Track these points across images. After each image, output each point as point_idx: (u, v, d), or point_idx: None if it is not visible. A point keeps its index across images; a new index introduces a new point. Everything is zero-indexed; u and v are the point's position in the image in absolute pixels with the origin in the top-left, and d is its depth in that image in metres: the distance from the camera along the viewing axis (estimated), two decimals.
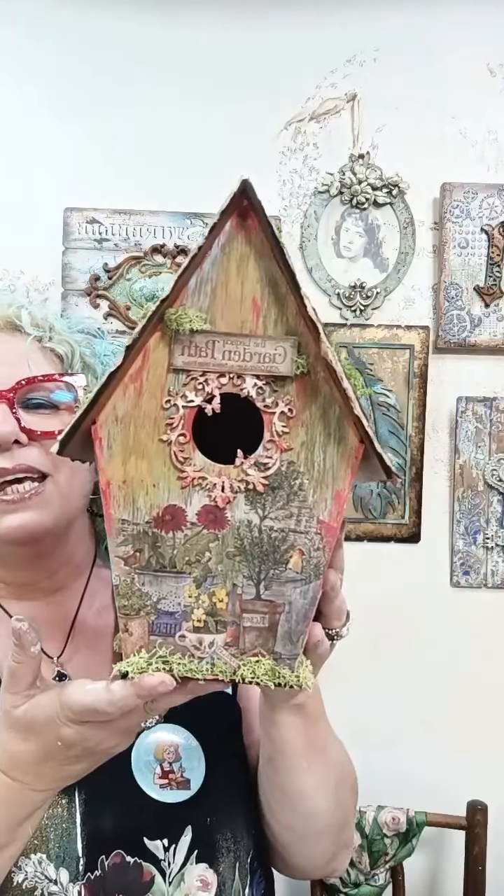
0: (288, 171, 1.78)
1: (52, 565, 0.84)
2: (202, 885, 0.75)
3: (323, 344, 0.58)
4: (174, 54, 1.75)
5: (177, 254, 1.75)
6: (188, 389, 0.60)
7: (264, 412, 0.61)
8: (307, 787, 0.78)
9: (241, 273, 0.60)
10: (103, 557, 0.90)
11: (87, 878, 0.71)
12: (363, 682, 1.68)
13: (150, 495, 0.60)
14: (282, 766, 0.77)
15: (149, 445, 0.60)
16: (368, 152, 1.76)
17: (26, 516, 0.76)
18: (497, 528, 1.77)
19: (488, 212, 1.75)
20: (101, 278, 1.74)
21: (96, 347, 0.88)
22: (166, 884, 0.74)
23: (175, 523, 0.60)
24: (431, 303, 1.79)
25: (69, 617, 0.85)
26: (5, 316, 0.82)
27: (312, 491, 0.61)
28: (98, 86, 1.75)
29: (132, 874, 0.73)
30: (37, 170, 1.75)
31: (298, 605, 0.62)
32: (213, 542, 0.61)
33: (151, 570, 0.60)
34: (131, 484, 0.59)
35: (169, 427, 0.60)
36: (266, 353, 0.60)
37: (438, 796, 1.63)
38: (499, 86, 1.77)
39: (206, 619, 0.61)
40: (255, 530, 0.61)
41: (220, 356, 0.60)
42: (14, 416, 0.76)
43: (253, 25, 1.75)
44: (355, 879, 1.55)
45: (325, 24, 1.75)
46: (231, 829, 0.79)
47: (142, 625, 0.60)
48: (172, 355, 0.59)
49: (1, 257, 1.71)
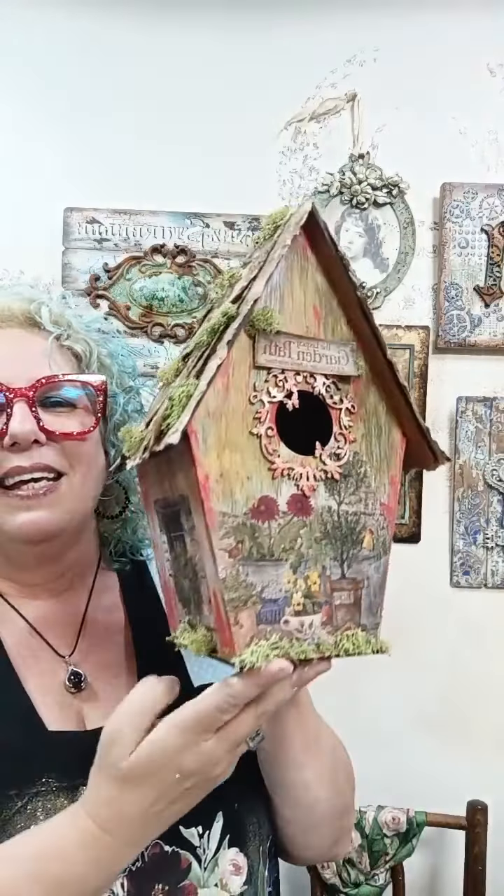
0: (288, 171, 1.78)
1: (61, 566, 0.84)
2: (234, 870, 0.77)
3: (387, 350, 0.68)
4: (174, 54, 1.75)
5: (177, 254, 1.75)
6: (270, 386, 0.64)
7: (332, 408, 0.67)
8: (307, 779, 0.80)
9: (302, 283, 0.66)
10: (107, 560, 0.91)
11: (128, 869, 0.71)
12: (363, 682, 1.68)
13: (245, 487, 0.62)
14: (283, 761, 0.78)
15: (240, 439, 0.62)
16: (368, 152, 1.77)
17: (40, 514, 0.75)
18: (497, 528, 1.77)
19: (488, 212, 1.75)
20: (101, 278, 1.74)
21: (112, 347, 0.88)
22: (202, 869, 0.75)
23: (269, 513, 0.63)
24: (431, 303, 1.79)
25: (78, 616, 0.85)
26: (26, 311, 0.81)
27: (374, 477, 0.69)
28: (98, 86, 1.76)
29: (171, 862, 0.74)
30: (37, 170, 1.75)
31: (374, 580, 0.69)
32: (302, 528, 0.64)
33: (253, 560, 0.62)
34: (228, 477, 0.61)
35: (257, 421, 0.63)
36: (332, 356, 0.67)
37: (438, 796, 1.63)
38: (499, 86, 1.78)
39: (304, 601, 0.64)
40: (334, 515, 0.66)
41: (296, 356, 0.65)
42: (33, 416, 0.75)
43: (253, 26, 1.75)
44: (355, 879, 1.55)
45: (325, 24, 1.75)
46: (255, 815, 0.81)
47: (250, 615, 0.61)
48: (256, 353, 0.63)
49: (1, 257, 1.71)
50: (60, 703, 0.78)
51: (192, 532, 0.63)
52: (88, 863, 0.63)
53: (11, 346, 0.79)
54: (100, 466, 0.81)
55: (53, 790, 0.72)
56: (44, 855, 0.64)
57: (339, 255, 0.66)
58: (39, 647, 0.81)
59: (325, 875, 1.56)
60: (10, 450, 0.75)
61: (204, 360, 0.63)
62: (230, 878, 0.76)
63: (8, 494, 0.75)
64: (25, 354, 0.78)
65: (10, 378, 0.76)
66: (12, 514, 0.75)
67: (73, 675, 0.80)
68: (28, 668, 0.79)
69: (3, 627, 0.81)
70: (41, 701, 0.77)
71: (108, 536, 0.91)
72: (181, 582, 0.67)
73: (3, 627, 0.81)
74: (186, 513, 0.64)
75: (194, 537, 0.63)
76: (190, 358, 0.67)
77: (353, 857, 1.54)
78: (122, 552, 0.91)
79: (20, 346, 0.79)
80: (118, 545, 0.91)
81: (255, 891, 0.79)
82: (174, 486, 0.65)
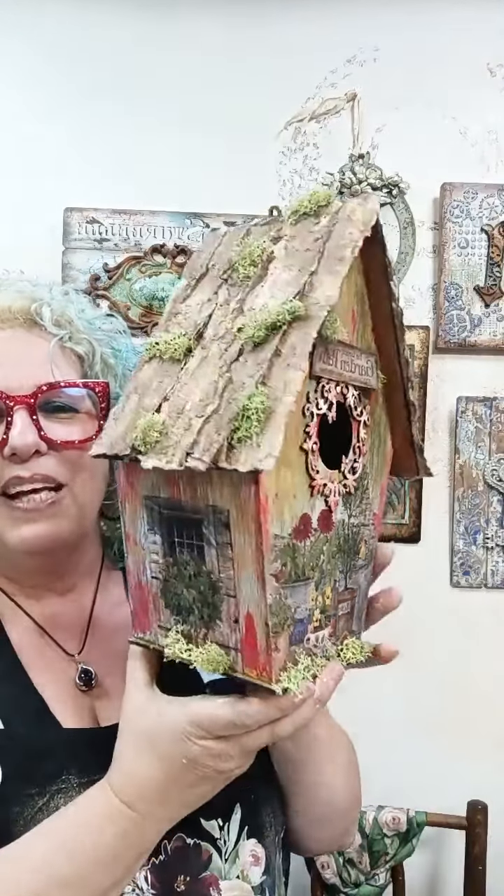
0: (288, 171, 1.78)
1: (64, 570, 0.84)
2: (254, 861, 0.77)
3: (409, 360, 0.64)
4: (175, 54, 1.76)
5: (177, 254, 1.75)
6: (318, 397, 0.59)
7: (355, 420, 0.64)
8: (327, 777, 0.82)
9: (348, 285, 0.60)
10: (112, 559, 0.90)
11: (151, 863, 0.72)
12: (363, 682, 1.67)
13: (291, 506, 0.57)
14: (309, 763, 0.80)
15: (292, 455, 0.57)
16: (368, 152, 1.77)
17: (41, 527, 0.74)
18: (497, 528, 1.77)
19: (488, 212, 1.75)
20: (101, 278, 1.74)
21: (116, 345, 0.85)
22: (223, 861, 0.75)
23: (306, 532, 0.59)
24: (431, 303, 1.79)
25: (85, 614, 0.84)
26: (26, 312, 0.78)
27: (371, 488, 0.67)
28: (98, 86, 1.76)
29: (192, 855, 0.74)
30: (37, 170, 1.75)
31: (363, 587, 0.68)
32: (325, 544, 0.62)
33: (291, 581, 0.58)
34: (281, 496, 0.56)
35: (307, 435, 0.58)
36: (362, 366, 0.63)
37: (438, 796, 1.63)
38: (499, 86, 1.78)
39: (321, 617, 0.62)
40: (346, 528, 0.64)
41: (339, 365, 0.60)
42: (34, 424, 0.73)
43: (253, 25, 1.75)
44: (355, 879, 1.55)
45: (325, 24, 1.75)
46: (271, 806, 0.81)
47: (285, 638, 0.58)
48: (314, 361, 0.57)
49: (1, 257, 1.71)
50: (73, 701, 0.78)
51: (225, 549, 0.57)
52: (117, 836, 0.64)
53: (12, 349, 0.77)
54: (102, 472, 0.80)
55: (75, 786, 0.72)
56: (77, 827, 0.65)
57: (387, 260, 0.61)
58: (47, 646, 0.81)
59: (326, 875, 1.56)
60: (10, 459, 0.73)
61: (269, 363, 0.55)
62: (251, 869, 0.76)
63: (10, 505, 0.74)
64: (26, 358, 0.76)
65: (12, 384, 0.74)
66: (15, 527, 0.74)
67: (83, 673, 0.80)
68: (38, 668, 0.79)
69: (11, 627, 0.80)
70: (54, 699, 0.77)
71: (111, 536, 0.91)
72: (174, 587, 0.62)
73: (11, 627, 0.80)
74: (219, 527, 0.57)
75: (228, 555, 0.57)
76: (213, 341, 0.60)
77: (353, 857, 1.54)
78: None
79: (21, 349, 0.77)
80: (122, 545, 0.91)
81: (273, 881, 0.79)
82: (202, 494, 0.57)
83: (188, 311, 0.64)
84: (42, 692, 0.77)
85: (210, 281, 0.65)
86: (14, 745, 0.73)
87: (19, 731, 0.73)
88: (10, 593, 0.83)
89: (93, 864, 0.64)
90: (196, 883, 0.73)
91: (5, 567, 0.82)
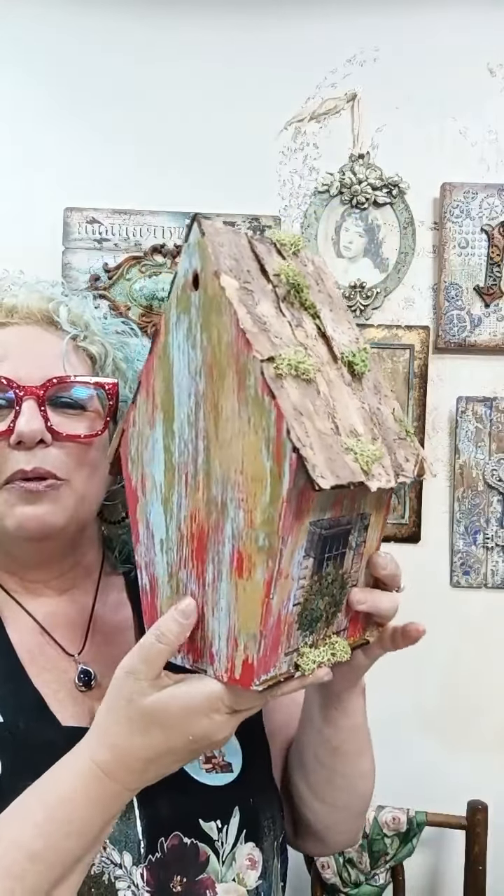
0: (288, 171, 1.78)
1: (62, 567, 0.84)
2: (250, 864, 0.77)
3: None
4: (174, 54, 1.75)
5: (177, 254, 1.75)
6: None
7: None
8: (366, 768, 0.85)
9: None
10: (112, 563, 0.90)
11: (148, 860, 0.72)
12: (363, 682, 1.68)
13: None
14: (352, 753, 0.81)
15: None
16: (368, 152, 1.77)
17: (42, 508, 0.75)
18: (497, 528, 1.77)
19: (488, 212, 1.75)
20: (101, 278, 1.74)
21: (129, 351, 0.87)
22: (220, 863, 0.75)
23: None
24: (431, 303, 1.79)
25: (85, 614, 0.85)
26: (44, 310, 0.81)
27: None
28: (98, 86, 1.75)
29: (189, 855, 0.74)
30: (37, 170, 1.75)
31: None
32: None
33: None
34: None
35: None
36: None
37: (438, 796, 1.63)
38: (499, 86, 1.77)
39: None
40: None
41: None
42: (42, 415, 0.75)
43: (253, 25, 1.75)
44: (355, 879, 1.55)
45: (325, 24, 1.75)
46: (269, 810, 0.82)
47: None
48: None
49: (1, 257, 1.71)
50: (72, 700, 0.78)
51: (360, 548, 0.66)
52: (91, 805, 0.63)
53: (26, 344, 0.79)
54: (104, 471, 0.80)
55: None
56: (49, 800, 0.64)
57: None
58: (48, 645, 0.81)
59: (326, 875, 1.56)
60: (15, 447, 0.75)
61: (375, 393, 0.67)
62: (247, 872, 0.77)
63: (9, 490, 0.75)
64: (40, 353, 0.78)
65: (23, 376, 0.76)
66: (13, 508, 0.75)
67: (83, 673, 0.80)
68: (37, 666, 0.79)
69: (12, 626, 0.81)
70: (53, 698, 0.77)
71: (112, 541, 0.91)
72: (311, 603, 0.62)
73: (12, 626, 0.81)
74: (360, 530, 0.65)
75: (361, 552, 0.66)
76: (324, 365, 0.62)
77: (353, 856, 1.54)
78: (127, 557, 0.91)
79: (35, 344, 0.79)
80: (123, 549, 0.91)
81: (270, 885, 0.80)
82: (357, 503, 0.63)
83: (271, 324, 0.60)
84: (41, 691, 0.77)
85: (262, 293, 0.62)
86: (13, 739, 0.73)
87: (18, 725, 0.74)
88: (10, 590, 0.83)
89: (65, 837, 0.63)
90: (193, 884, 0.73)
91: (5, 559, 0.82)
